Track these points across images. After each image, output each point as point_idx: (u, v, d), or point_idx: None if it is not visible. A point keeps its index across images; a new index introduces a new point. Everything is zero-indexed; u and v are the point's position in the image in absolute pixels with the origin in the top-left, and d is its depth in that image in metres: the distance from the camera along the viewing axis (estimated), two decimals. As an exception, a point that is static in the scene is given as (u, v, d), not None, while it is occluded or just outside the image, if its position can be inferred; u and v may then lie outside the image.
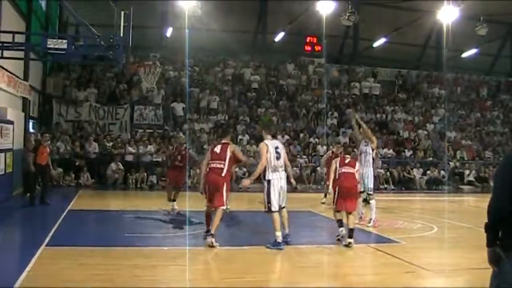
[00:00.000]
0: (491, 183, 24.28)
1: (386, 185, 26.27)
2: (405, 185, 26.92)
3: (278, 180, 10.80)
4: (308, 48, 34.85)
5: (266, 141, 10.96)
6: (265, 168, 10.73)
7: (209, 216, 11.00)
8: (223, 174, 10.74)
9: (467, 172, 28.28)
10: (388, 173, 26.84)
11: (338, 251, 10.79)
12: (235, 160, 11.17)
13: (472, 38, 31.90)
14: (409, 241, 11.71)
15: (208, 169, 10.88)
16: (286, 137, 27.78)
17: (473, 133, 32.40)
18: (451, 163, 28.50)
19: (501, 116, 34.70)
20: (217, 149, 11.00)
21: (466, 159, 29.62)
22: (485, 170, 28.63)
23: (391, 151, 28.46)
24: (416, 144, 30.05)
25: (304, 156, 27.05)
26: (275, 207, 10.79)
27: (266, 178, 10.75)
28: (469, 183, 27.87)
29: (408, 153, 28.92)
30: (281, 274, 8.53)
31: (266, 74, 33.09)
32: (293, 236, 11.51)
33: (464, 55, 35.96)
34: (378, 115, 31.91)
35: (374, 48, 34.95)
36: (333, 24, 29.22)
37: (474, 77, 37.43)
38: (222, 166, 10.77)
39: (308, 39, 34.69)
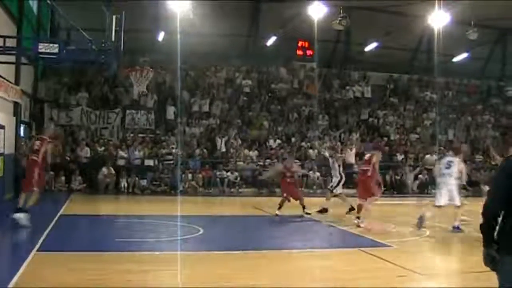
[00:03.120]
0: (482, 187, 24.40)
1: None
2: (396, 189, 26.97)
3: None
4: (299, 52, 34.88)
5: None
6: None
7: (360, 206, 14.72)
8: (368, 174, 14.77)
9: (458, 176, 28.28)
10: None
11: (330, 255, 10.82)
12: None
13: (463, 42, 32.03)
14: (401, 245, 11.73)
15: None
16: (278, 141, 27.83)
17: (464, 137, 32.49)
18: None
19: (492, 120, 34.83)
20: (366, 157, 15.57)
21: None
22: (476, 174, 28.67)
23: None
24: (408, 147, 30.08)
25: (296, 160, 27.01)
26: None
27: None
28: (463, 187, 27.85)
29: (399, 157, 28.97)
30: (273, 279, 8.50)
31: (258, 78, 33.13)
32: (285, 241, 11.51)
33: (455, 59, 36.09)
34: (370, 119, 32.01)
35: (365, 53, 35.02)
36: (324, 29, 29.27)
37: (465, 81, 37.58)
38: (367, 168, 14.84)
39: (300, 44, 34.73)
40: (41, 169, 13.70)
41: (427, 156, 28.77)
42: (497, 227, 4.43)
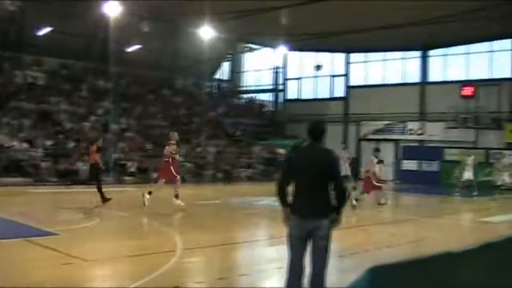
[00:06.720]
0: (152, 174, 25.56)
1: (48, 177, 25.91)
2: (70, 176, 26.72)
3: None
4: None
5: None
6: None
7: None
8: None
9: (129, 163, 29.23)
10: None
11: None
12: None
13: (137, 33, 33.07)
14: (69, 233, 11.82)
15: None
16: None
17: (136, 125, 33.63)
18: (114, 154, 29.06)
19: (162, 110, 36.65)
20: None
21: (127, 150, 30.52)
22: (146, 162, 29.83)
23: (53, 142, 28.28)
24: (80, 135, 30.01)
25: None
26: None
27: None
28: (131, 174, 28.85)
29: (71, 144, 28.78)
30: None
31: None
32: None
33: (130, 49, 37.09)
34: (42, 106, 31.24)
35: (40, 37, 34.05)
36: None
37: (139, 72, 38.79)
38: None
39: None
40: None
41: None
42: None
